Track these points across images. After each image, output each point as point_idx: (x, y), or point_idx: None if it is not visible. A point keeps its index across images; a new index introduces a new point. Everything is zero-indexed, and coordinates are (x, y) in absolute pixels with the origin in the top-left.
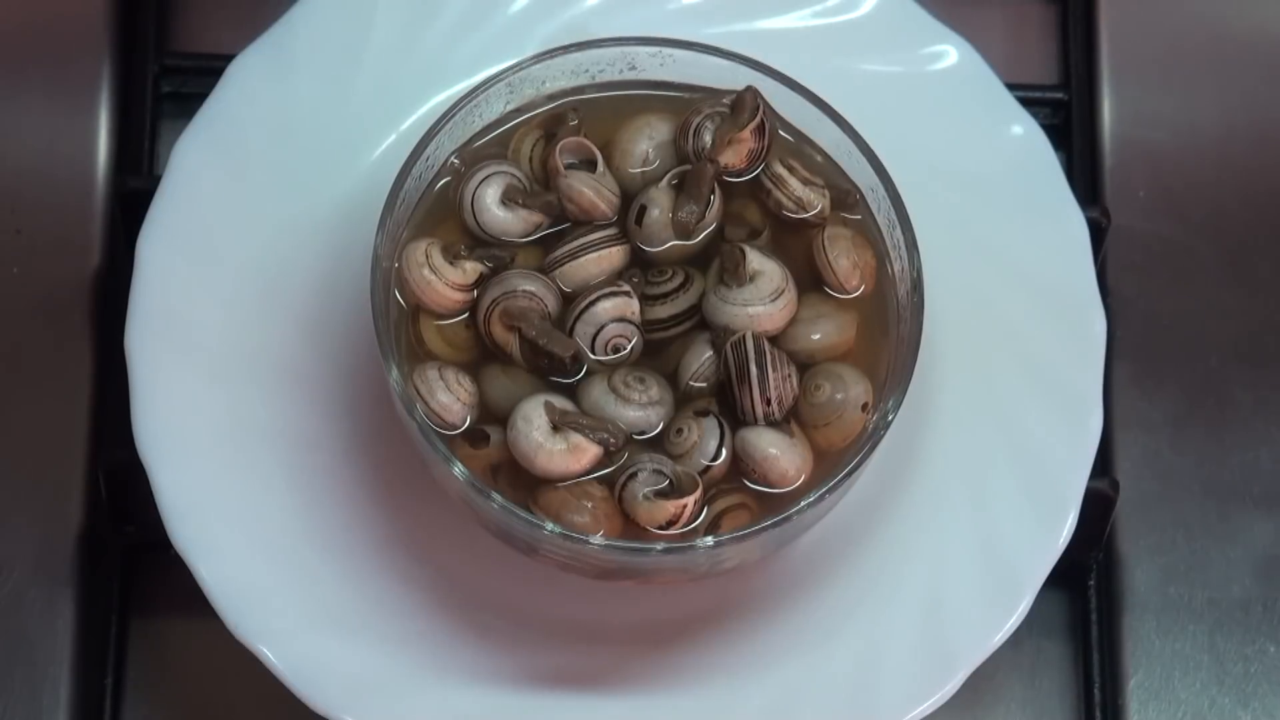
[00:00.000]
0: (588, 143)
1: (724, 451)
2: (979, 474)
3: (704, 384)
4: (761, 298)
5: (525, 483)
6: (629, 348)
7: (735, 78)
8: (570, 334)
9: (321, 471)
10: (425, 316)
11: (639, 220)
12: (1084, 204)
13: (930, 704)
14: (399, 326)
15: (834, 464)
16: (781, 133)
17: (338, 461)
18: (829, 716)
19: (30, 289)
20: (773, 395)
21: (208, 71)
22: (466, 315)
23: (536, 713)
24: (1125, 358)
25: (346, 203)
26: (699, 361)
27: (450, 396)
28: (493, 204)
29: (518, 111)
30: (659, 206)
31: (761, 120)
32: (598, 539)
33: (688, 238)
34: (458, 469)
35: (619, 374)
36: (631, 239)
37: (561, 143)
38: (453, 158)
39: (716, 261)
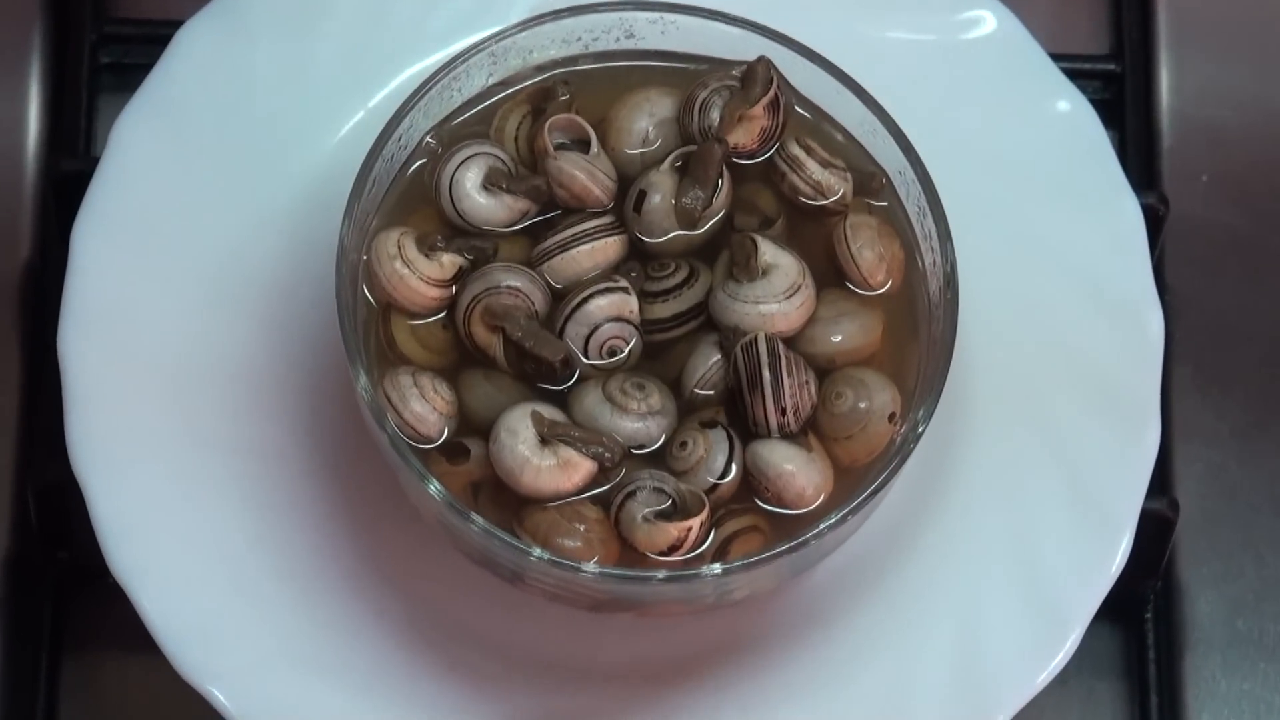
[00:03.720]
0: (580, 120)
1: (733, 468)
2: (1020, 493)
3: (711, 392)
4: (775, 294)
5: (510, 503)
6: (626, 351)
7: (746, 47)
8: (560, 335)
9: (281, 490)
10: (397, 316)
11: (638, 207)
12: (1138, 189)
13: None
14: (368, 327)
15: (857, 482)
16: (798, 109)
17: (300, 479)
18: None
19: None
20: (788, 404)
21: (152, 40)
22: (444, 314)
23: None
24: (1185, 361)
25: (309, 188)
26: (705, 366)
27: (425, 406)
28: (473, 189)
29: (502, 85)
30: (660, 192)
31: (775, 95)
32: (591, 566)
33: (693, 227)
34: (434, 487)
35: (615, 380)
36: (629, 228)
37: (551, 120)
38: (428, 137)
39: (725, 254)
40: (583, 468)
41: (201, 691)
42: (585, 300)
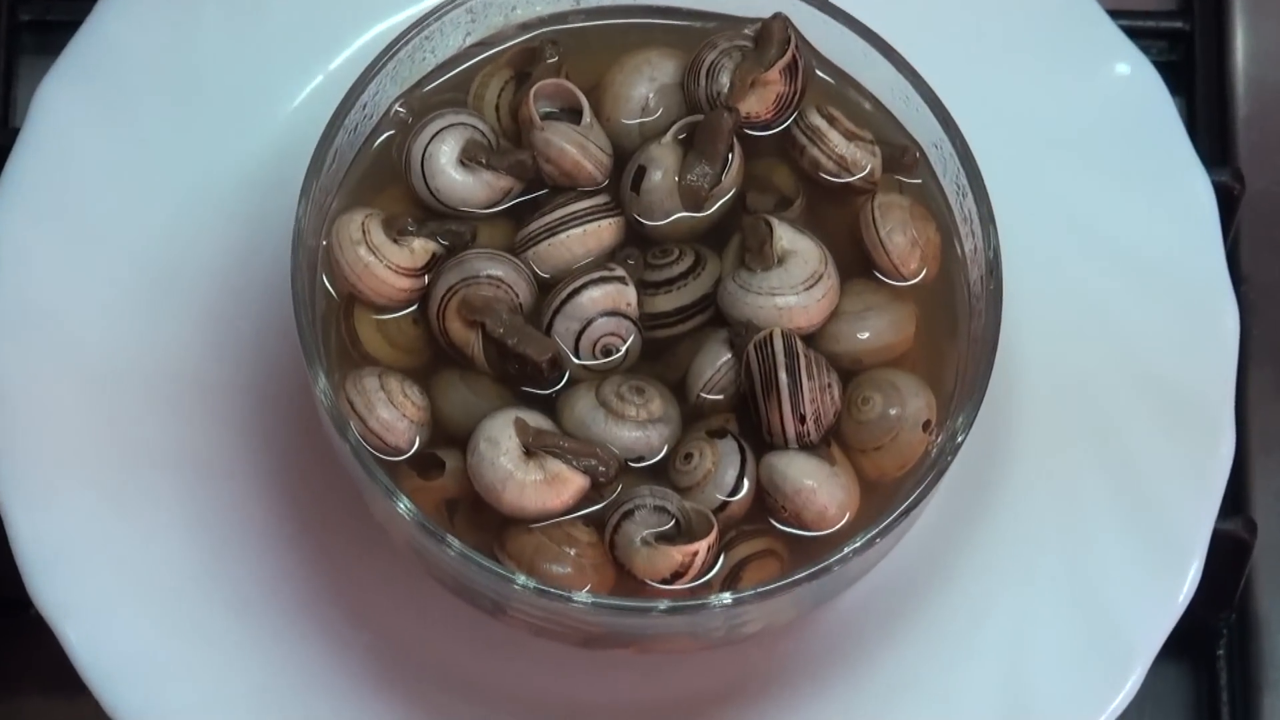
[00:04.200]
0: (570, 86)
1: (745, 483)
2: (1075, 513)
3: (720, 396)
4: (793, 285)
5: (490, 523)
6: (623, 349)
7: (760, 2)
8: (548, 332)
9: (229, 510)
10: (362, 309)
11: (636, 186)
12: (1208, 165)
13: None
14: (328, 322)
15: (887, 499)
16: (819, 73)
17: (250, 497)
18: None
19: None
20: (808, 411)
21: None
22: (415, 308)
23: None
24: (1263, 362)
25: (260, 164)
26: (713, 367)
27: (393, 412)
28: (449, 165)
29: (481, 46)
30: (662, 168)
31: (793, 57)
32: (583, 595)
33: (699, 208)
34: (403, 506)
35: (611, 383)
36: (627, 209)
37: (537, 86)
38: (397, 106)
39: (736, 239)
40: (573, 483)
41: None
42: (576, 292)
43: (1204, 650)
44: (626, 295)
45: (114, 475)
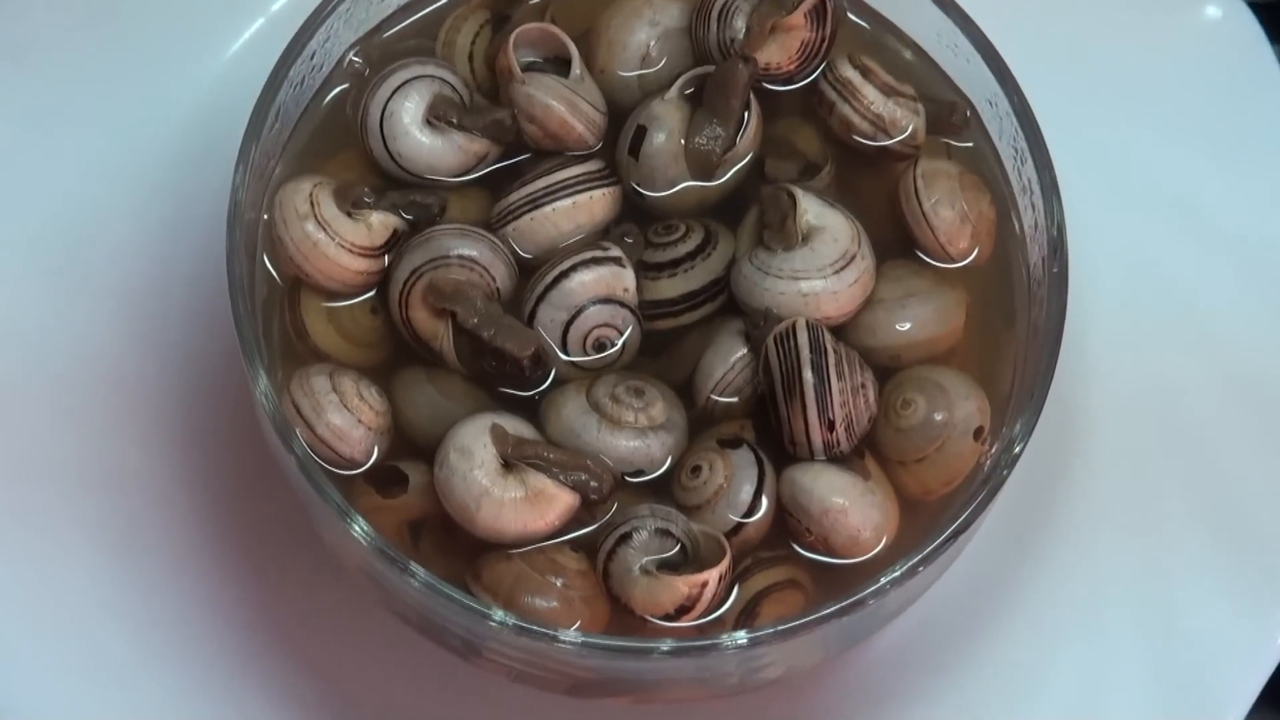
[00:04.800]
0: (557, 32)
1: (763, 502)
2: (1154, 538)
3: (733, 399)
4: (821, 268)
5: (462, 549)
6: (619, 344)
7: None
8: (531, 323)
9: (151, 532)
10: (310, 295)
11: (636, 149)
12: None
13: None
14: (270, 311)
15: (931, 521)
16: (851, 16)
17: (177, 519)
18: None
19: None
20: (837, 416)
21: None
22: (373, 294)
23: None
24: None
25: (189, 123)
26: (726, 365)
27: (347, 417)
28: (413, 125)
29: None
30: (666, 129)
31: None
32: (572, 634)
33: (709, 176)
34: (359, 528)
35: (605, 384)
36: (624, 178)
37: (517, 32)
38: (352, 55)
39: (752, 213)
40: (560, 502)
41: None
42: (564, 275)
43: None
44: (623, 279)
45: (15, 497)
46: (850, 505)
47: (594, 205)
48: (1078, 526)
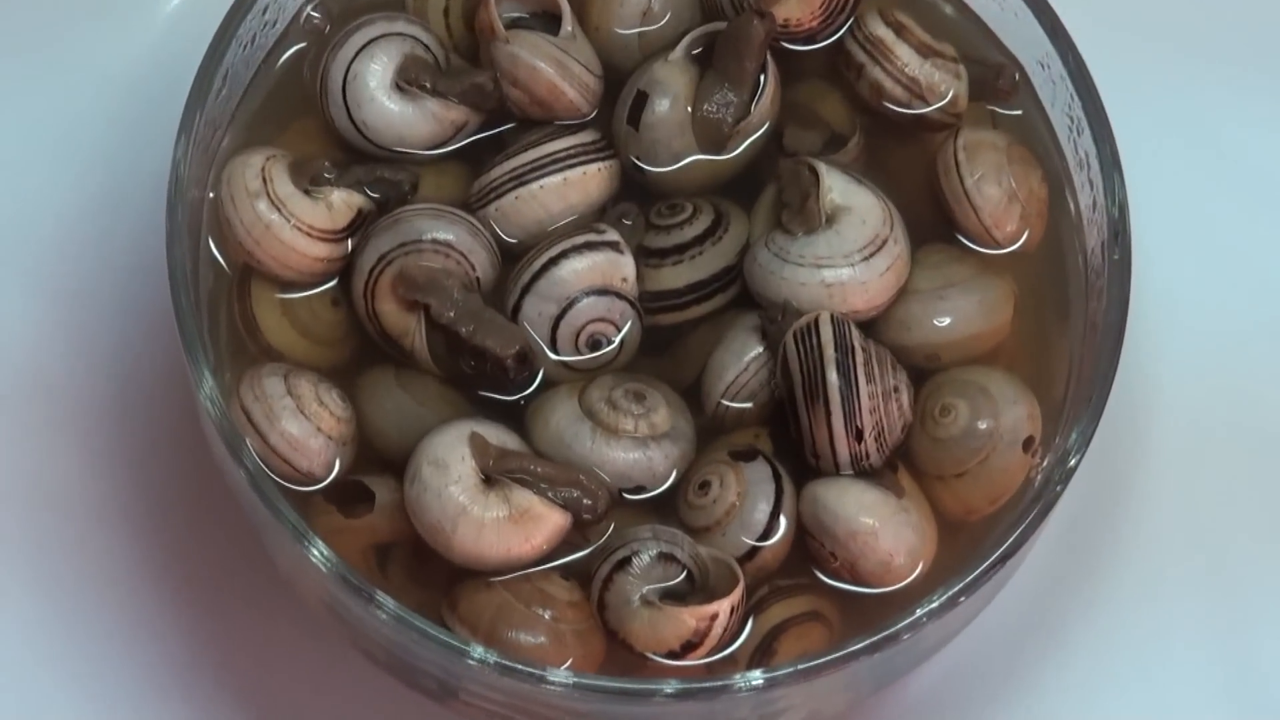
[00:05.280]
0: None
1: (781, 522)
2: (1228, 565)
3: (747, 404)
4: (847, 254)
5: (436, 576)
6: (617, 341)
7: None
8: (515, 317)
9: (83, 556)
10: (263, 285)
11: (636, 118)
12: None
13: None
14: (217, 303)
15: (974, 544)
16: None
17: (111, 540)
18: None
19: None
20: (866, 424)
21: None
22: (334, 284)
23: None
24: None
25: (125, 87)
26: (739, 365)
27: (305, 426)
28: (380, 90)
29: None
30: (670, 95)
31: None
32: (562, 674)
33: (720, 149)
34: (318, 552)
35: (600, 387)
36: (623, 150)
37: None
38: (310, 10)
39: (769, 191)
40: (548, 522)
41: None
42: (554, 262)
43: None
44: (621, 267)
45: None
46: (881, 526)
47: (588, 182)
48: (1142, 551)
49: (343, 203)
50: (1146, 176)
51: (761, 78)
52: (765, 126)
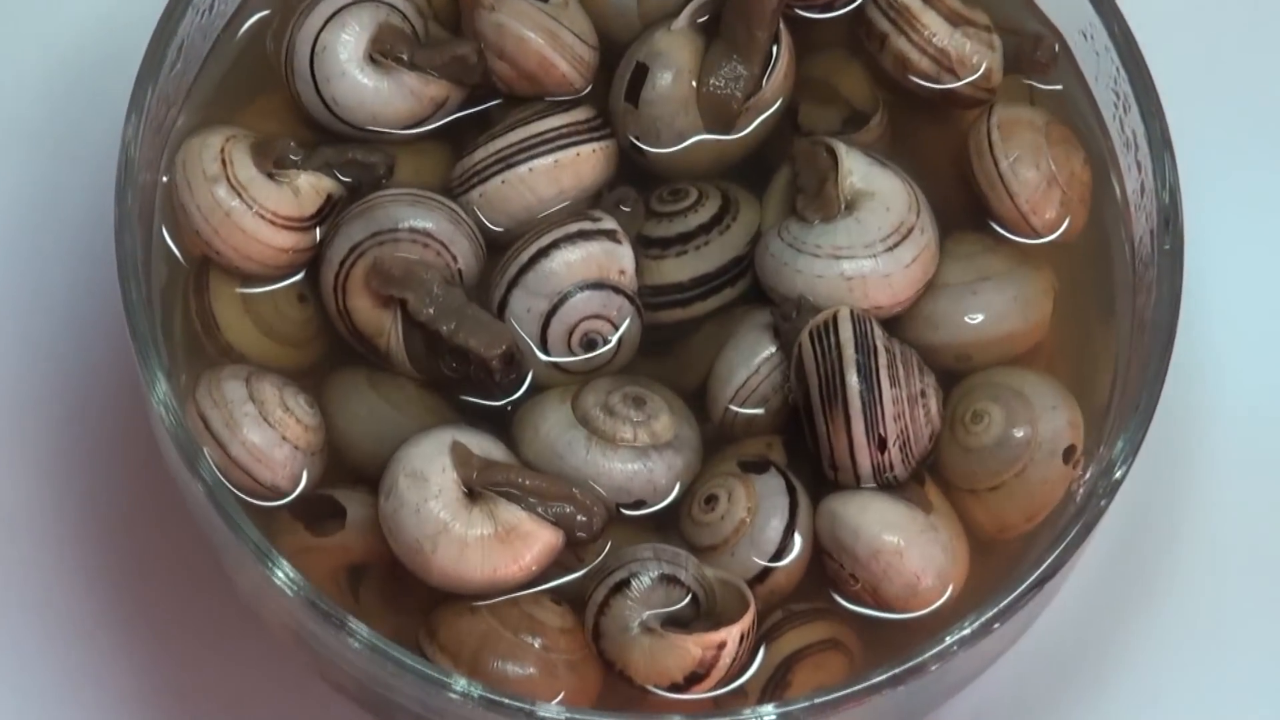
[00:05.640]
0: None
1: (796, 541)
2: None
3: (758, 410)
4: (869, 243)
5: (414, 600)
6: (614, 340)
7: None
8: (502, 314)
9: (22, 581)
10: (222, 279)
11: (635, 94)
12: None
13: None
14: (172, 299)
15: (1009, 565)
16: None
17: (54, 561)
18: None
19: None
20: (890, 432)
21: None
22: (301, 277)
23: None
24: None
25: (67, 63)
26: (749, 367)
27: (269, 434)
28: (352, 63)
29: None
30: (673, 68)
31: None
32: (553, 709)
33: (728, 128)
34: (283, 574)
35: (596, 391)
36: (620, 129)
37: None
38: None
39: (782, 174)
40: (538, 540)
41: None
42: (544, 253)
43: None
44: (618, 258)
45: None
46: (906, 545)
47: (581, 164)
48: (1197, 573)
49: (310, 187)
50: (1200, 158)
51: (774, 49)
52: (778, 103)
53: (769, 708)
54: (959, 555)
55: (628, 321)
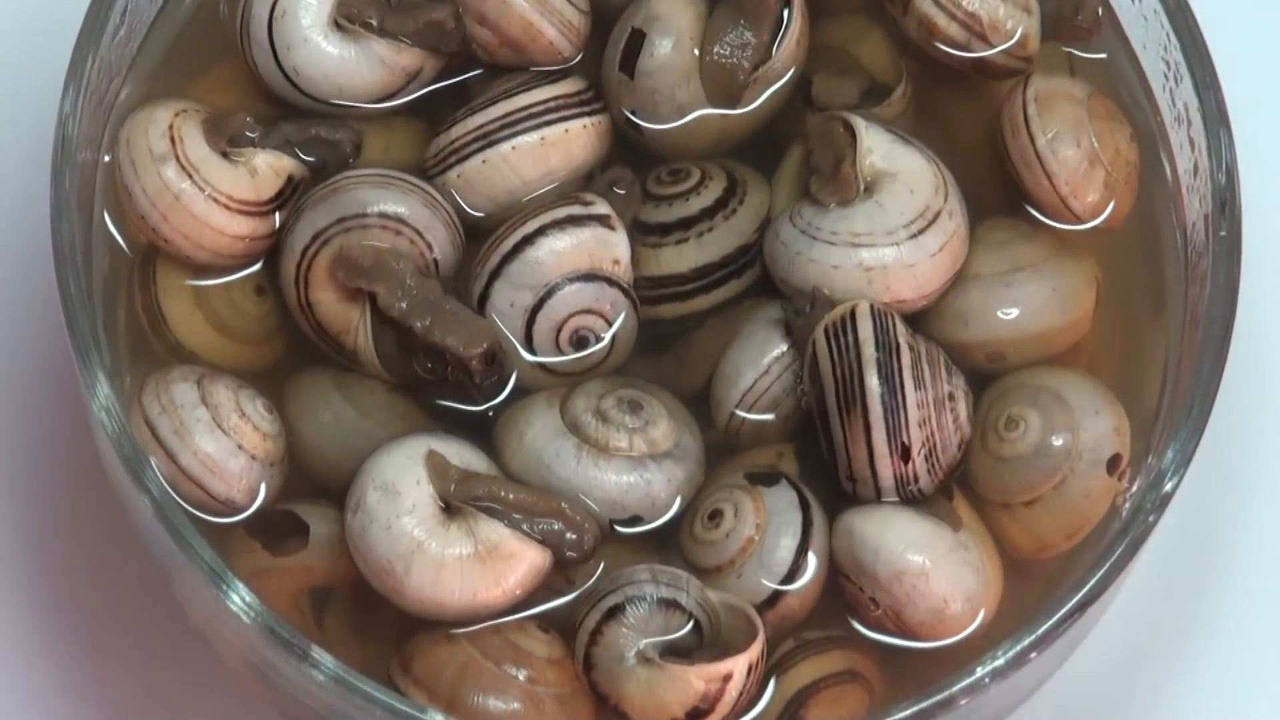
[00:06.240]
0: None
1: (810, 561)
2: None
3: (768, 416)
4: (891, 230)
5: (384, 627)
6: (607, 338)
7: None
8: (482, 309)
9: None
10: (170, 269)
11: (631, 64)
12: None
13: None
14: (114, 291)
15: (1046, 588)
16: None
17: None
18: None
19: None
20: (915, 440)
21: None
22: (259, 267)
23: None
24: None
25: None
26: (757, 368)
27: (224, 443)
28: (315, 29)
29: None
30: (674, 34)
31: None
32: None
33: (734, 101)
34: (239, 599)
35: (587, 395)
36: (614, 103)
37: None
38: None
39: (795, 152)
40: (523, 561)
41: None
42: (530, 241)
43: None
44: (612, 247)
45: None
46: (933, 566)
47: (571, 142)
48: (1254, 596)
49: (269, 168)
50: (1259, 135)
51: (785, 13)
52: (790, 74)
53: None
54: (991, 577)
55: (622, 317)
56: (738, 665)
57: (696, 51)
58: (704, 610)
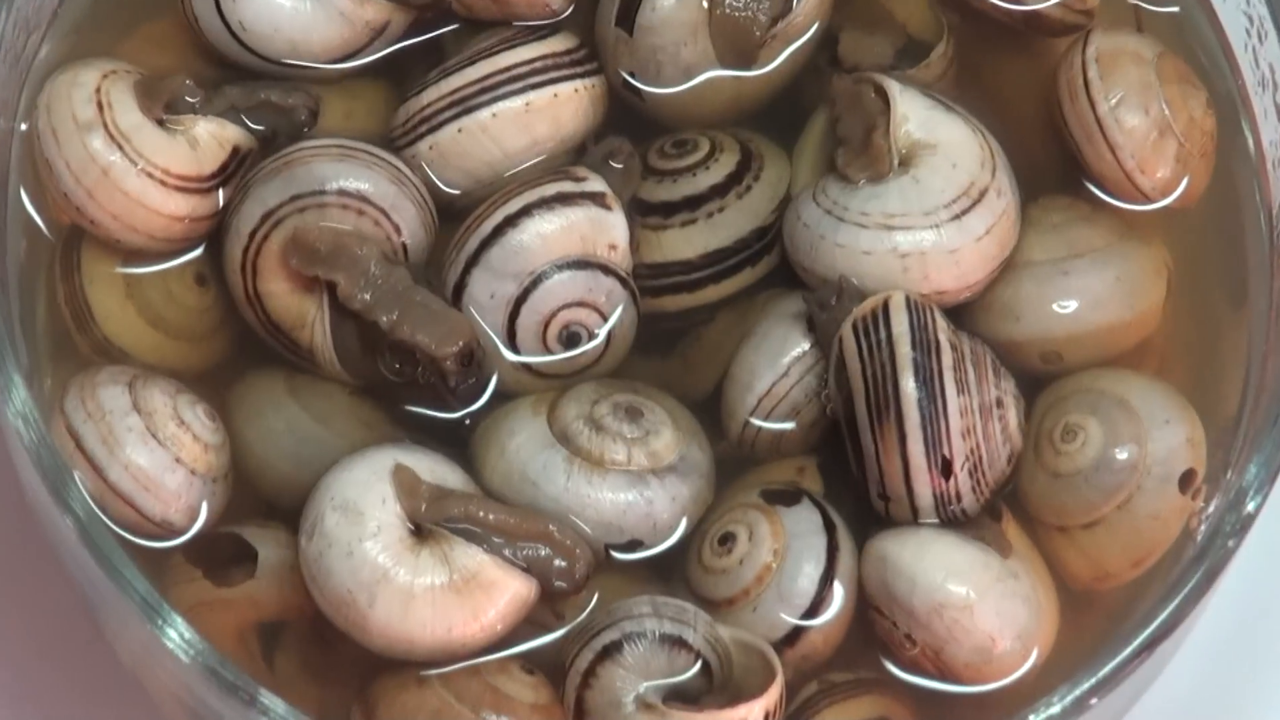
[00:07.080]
0: None
1: (836, 591)
2: None
3: (787, 424)
4: (929, 210)
5: (344, 667)
6: (602, 335)
7: None
8: (458, 300)
9: None
10: (98, 255)
11: (628, 19)
12: None
13: None
14: (33, 280)
15: (1109, 623)
16: None
17: None
18: None
19: None
20: (957, 452)
21: None
22: (200, 252)
23: None
24: None
25: None
26: (775, 370)
27: (159, 455)
28: None
29: None
30: None
31: None
32: None
33: (748, 62)
34: (176, 635)
35: (579, 400)
36: (610, 63)
37: None
38: None
39: (818, 120)
40: (505, 591)
41: None
42: (512, 223)
43: None
44: (607, 229)
45: None
46: (978, 598)
47: (560, 108)
48: None
49: (211, 138)
50: None
51: None
52: (813, 29)
53: None
54: (1045, 610)
55: (619, 311)
56: (753, 712)
57: (705, 3)
58: (713, 649)
